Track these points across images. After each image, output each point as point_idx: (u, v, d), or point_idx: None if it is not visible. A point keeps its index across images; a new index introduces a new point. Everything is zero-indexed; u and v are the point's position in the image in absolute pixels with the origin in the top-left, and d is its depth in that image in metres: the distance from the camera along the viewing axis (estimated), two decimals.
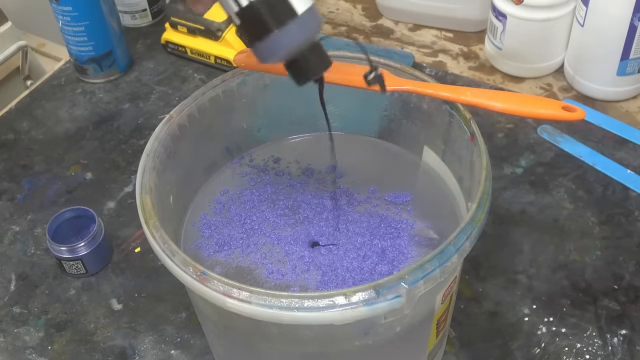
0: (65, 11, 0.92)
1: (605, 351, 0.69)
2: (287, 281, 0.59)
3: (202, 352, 0.71)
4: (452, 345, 0.70)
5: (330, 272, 0.59)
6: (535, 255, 0.76)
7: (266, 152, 0.70)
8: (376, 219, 0.63)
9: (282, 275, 0.59)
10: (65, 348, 0.72)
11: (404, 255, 0.60)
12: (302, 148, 0.70)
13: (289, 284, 0.59)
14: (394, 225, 0.62)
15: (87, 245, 0.76)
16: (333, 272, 0.59)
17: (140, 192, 0.56)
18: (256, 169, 0.68)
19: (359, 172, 0.67)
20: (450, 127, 0.62)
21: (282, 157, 0.69)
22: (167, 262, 0.52)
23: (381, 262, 0.59)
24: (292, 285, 0.58)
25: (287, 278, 0.59)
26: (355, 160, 0.68)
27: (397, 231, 0.62)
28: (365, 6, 1.08)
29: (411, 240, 0.61)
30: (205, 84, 0.65)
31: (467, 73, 0.97)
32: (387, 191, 0.65)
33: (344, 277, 0.58)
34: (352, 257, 0.60)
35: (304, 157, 0.69)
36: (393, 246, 0.60)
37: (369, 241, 0.61)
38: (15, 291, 0.77)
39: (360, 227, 0.62)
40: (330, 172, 0.67)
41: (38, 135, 0.93)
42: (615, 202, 0.81)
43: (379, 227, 0.62)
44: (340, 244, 0.61)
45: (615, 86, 0.90)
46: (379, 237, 0.61)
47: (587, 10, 0.86)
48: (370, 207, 0.64)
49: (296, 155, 0.69)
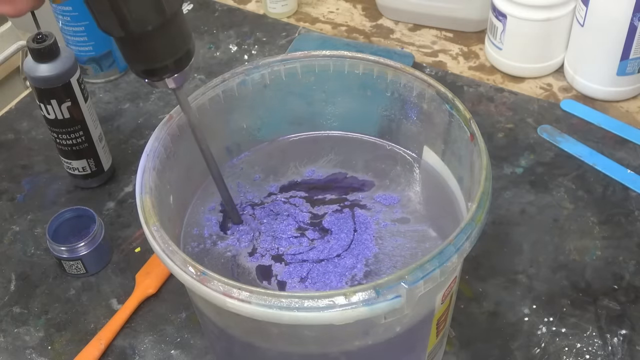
0: (65, 11, 0.92)
1: (605, 351, 0.69)
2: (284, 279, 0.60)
3: (202, 352, 0.71)
4: (452, 345, 0.70)
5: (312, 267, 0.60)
6: (535, 255, 0.76)
7: (266, 152, 0.70)
8: (348, 216, 0.64)
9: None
10: (65, 348, 0.72)
11: (369, 250, 0.61)
12: (302, 148, 0.70)
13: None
14: (362, 220, 0.63)
15: (87, 245, 0.76)
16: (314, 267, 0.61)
17: (140, 192, 0.56)
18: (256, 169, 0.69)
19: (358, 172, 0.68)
20: (450, 127, 0.62)
21: (281, 156, 0.69)
22: (167, 262, 0.52)
23: (348, 255, 0.61)
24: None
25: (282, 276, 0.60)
26: (355, 160, 0.68)
27: (365, 226, 0.63)
28: (365, 6, 1.08)
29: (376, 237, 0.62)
30: (205, 84, 0.65)
31: (467, 73, 0.97)
32: (385, 191, 0.65)
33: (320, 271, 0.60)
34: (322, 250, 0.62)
35: (303, 157, 0.69)
36: (359, 241, 0.62)
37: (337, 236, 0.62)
38: (15, 291, 0.77)
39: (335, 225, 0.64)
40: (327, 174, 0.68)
41: (38, 135, 0.93)
42: (615, 202, 0.81)
43: (346, 222, 0.63)
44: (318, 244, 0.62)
45: (615, 86, 0.90)
46: (345, 231, 0.63)
47: (587, 10, 0.86)
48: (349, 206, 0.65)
49: (296, 155, 0.69)
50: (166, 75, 0.55)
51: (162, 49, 0.53)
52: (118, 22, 0.50)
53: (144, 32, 0.51)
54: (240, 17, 1.08)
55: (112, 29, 0.51)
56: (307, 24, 1.06)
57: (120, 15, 0.50)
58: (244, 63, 0.88)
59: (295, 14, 1.08)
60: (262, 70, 0.65)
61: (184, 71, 0.55)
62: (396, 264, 0.60)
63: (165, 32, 0.52)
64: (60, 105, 0.78)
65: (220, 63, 1.01)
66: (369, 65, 0.65)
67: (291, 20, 1.07)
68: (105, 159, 0.85)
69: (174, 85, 0.56)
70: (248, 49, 1.02)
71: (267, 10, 1.07)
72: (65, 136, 0.81)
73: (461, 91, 0.93)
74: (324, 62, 0.66)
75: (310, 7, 1.09)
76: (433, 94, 0.62)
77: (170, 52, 0.54)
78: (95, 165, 0.84)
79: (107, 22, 0.51)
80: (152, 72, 0.55)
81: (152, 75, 0.55)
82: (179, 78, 0.55)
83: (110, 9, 0.49)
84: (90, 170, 0.84)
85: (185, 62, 0.55)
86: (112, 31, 0.51)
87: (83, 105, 0.79)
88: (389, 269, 0.60)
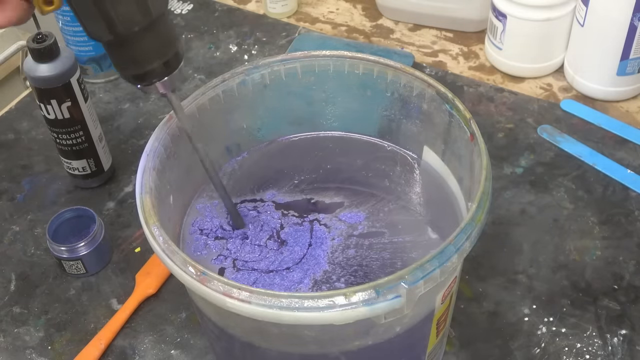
0: (65, 11, 0.92)
1: (605, 351, 0.69)
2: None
3: (202, 352, 0.71)
4: (452, 345, 0.70)
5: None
6: (535, 255, 0.76)
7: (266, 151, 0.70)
8: (306, 229, 0.63)
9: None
10: (65, 348, 0.72)
11: (320, 266, 0.60)
12: (302, 148, 0.70)
13: None
14: (319, 235, 0.62)
15: (87, 245, 0.76)
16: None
17: (140, 192, 0.56)
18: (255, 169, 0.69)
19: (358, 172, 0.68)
20: (450, 127, 0.62)
21: (281, 156, 0.69)
22: (167, 262, 0.52)
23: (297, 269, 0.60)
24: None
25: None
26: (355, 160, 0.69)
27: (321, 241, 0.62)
28: (365, 6, 1.08)
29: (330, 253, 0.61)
30: (205, 84, 0.65)
31: (467, 73, 0.97)
32: (352, 210, 0.65)
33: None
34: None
35: (303, 156, 0.69)
36: (312, 255, 0.61)
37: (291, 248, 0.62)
38: (15, 291, 0.77)
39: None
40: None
41: (38, 135, 0.93)
42: (615, 202, 0.81)
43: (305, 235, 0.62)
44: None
45: (615, 86, 0.90)
46: (300, 245, 0.62)
47: (587, 10, 0.86)
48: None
49: (296, 154, 0.69)
50: (155, 80, 0.55)
51: (150, 51, 0.54)
52: (105, 24, 0.51)
53: (132, 33, 0.52)
54: (240, 17, 1.08)
55: (100, 32, 0.52)
56: (307, 24, 1.06)
57: (108, 17, 0.50)
58: (244, 63, 0.88)
59: (295, 14, 1.08)
60: (262, 70, 0.65)
61: (173, 75, 0.55)
62: (347, 281, 0.59)
63: (152, 34, 0.53)
64: (60, 105, 0.78)
65: (220, 63, 1.01)
66: (369, 65, 0.65)
67: (291, 20, 1.07)
68: (105, 159, 0.85)
69: (163, 89, 0.56)
70: (248, 49, 1.02)
71: (267, 10, 1.07)
72: (65, 136, 0.81)
73: (461, 91, 0.93)
74: (324, 62, 0.66)
75: (310, 7, 1.09)
76: (433, 94, 0.62)
77: (157, 54, 0.54)
78: (95, 165, 0.84)
79: (95, 26, 0.51)
80: (142, 77, 0.55)
81: (142, 79, 0.55)
82: (168, 82, 0.56)
83: (97, 12, 0.50)
84: (90, 170, 0.84)
85: (174, 66, 0.55)
86: (100, 35, 0.52)
87: (83, 105, 0.79)
88: (337, 287, 0.59)
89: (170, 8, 1.09)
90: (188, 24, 1.07)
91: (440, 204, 0.64)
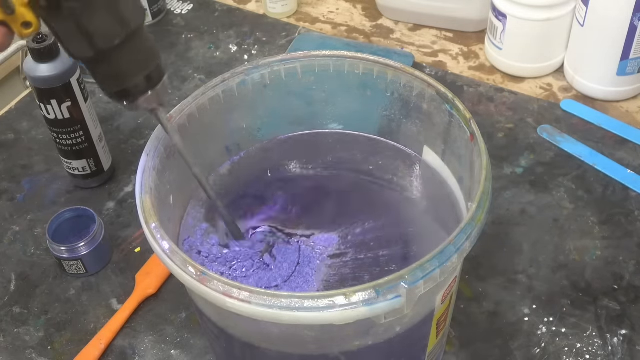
0: None
1: (605, 351, 0.69)
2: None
3: (202, 352, 0.71)
4: (452, 345, 0.70)
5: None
6: (535, 255, 0.76)
7: (265, 151, 0.70)
8: (295, 248, 0.62)
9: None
10: (65, 348, 0.72)
11: (308, 284, 0.59)
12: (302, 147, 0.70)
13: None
14: (307, 254, 0.62)
15: (87, 245, 0.76)
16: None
17: (140, 192, 0.56)
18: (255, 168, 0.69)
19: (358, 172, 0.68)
20: (450, 127, 0.62)
21: (281, 156, 0.69)
22: (167, 262, 0.52)
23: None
24: None
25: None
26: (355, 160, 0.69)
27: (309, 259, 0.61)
28: (365, 6, 1.08)
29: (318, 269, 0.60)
30: (205, 84, 0.65)
31: (467, 73, 0.97)
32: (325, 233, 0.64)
33: None
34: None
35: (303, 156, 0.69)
36: (300, 273, 0.60)
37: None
38: (15, 291, 0.77)
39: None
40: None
41: (38, 135, 0.93)
42: (615, 202, 0.81)
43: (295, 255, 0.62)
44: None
45: (615, 86, 0.90)
46: (289, 262, 0.61)
47: (587, 10, 0.86)
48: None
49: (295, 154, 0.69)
50: (140, 95, 0.55)
51: (131, 65, 0.53)
52: (86, 41, 0.51)
53: (112, 47, 0.52)
54: (240, 17, 1.08)
55: (81, 50, 0.52)
56: (307, 24, 1.06)
57: (86, 33, 0.50)
58: (244, 63, 0.88)
59: (295, 14, 1.08)
60: (262, 70, 0.65)
61: (157, 90, 0.55)
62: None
63: (132, 47, 0.53)
64: (60, 105, 0.78)
65: (220, 63, 1.01)
66: (369, 65, 0.65)
67: (291, 20, 1.07)
68: (105, 159, 0.85)
69: (147, 105, 0.55)
70: (248, 49, 1.02)
71: (267, 10, 1.07)
72: (65, 136, 0.81)
73: (461, 91, 0.93)
74: (324, 62, 0.66)
75: (310, 7, 1.09)
76: (433, 94, 0.62)
77: (139, 67, 0.54)
78: (95, 165, 0.84)
79: (75, 44, 0.51)
80: (125, 93, 0.55)
81: (126, 96, 0.55)
82: (153, 97, 0.55)
83: (77, 29, 0.50)
84: (90, 170, 0.84)
85: (157, 79, 0.55)
86: (82, 52, 0.52)
87: (83, 105, 0.79)
88: None
89: (170, 8, 1.09)
90: (188, 24, 1.07)
91: (440, 204, 0.64)
